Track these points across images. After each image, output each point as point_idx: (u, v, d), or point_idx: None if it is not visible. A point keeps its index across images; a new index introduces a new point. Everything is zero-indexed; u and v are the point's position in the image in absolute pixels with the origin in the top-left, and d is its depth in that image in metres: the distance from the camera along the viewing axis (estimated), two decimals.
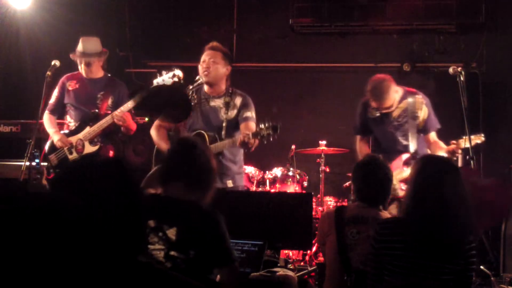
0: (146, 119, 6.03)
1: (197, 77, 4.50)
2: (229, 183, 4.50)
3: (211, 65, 4.47)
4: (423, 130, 4.63)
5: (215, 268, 2.68)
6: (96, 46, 5.05)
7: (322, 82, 6.95)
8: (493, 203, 4.04)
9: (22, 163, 4.63)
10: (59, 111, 5.10)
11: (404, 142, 4.57)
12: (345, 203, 5.59)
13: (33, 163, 4.77)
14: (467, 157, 4.54)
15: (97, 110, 4.99)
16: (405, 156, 4.49)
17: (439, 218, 2.63)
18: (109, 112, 4.93)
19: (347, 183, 5.54)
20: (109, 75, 5.17)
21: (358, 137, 4.83)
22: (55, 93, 5.05)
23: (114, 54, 6.96)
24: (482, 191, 4.04)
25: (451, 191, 2.66)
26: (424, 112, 4.63)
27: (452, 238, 2.65)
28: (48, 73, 4.82)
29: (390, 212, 3.68)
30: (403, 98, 4.63)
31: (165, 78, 4.78)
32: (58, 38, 6.05)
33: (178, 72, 4.82)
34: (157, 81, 4.82)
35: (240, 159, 4.64)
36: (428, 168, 2.75)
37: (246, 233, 3.48)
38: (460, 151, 4.34)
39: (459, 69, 4.41)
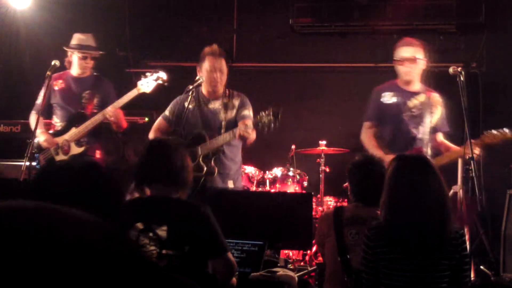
0: (146, 119, 6.04)
1: (197, 77, 4.50)
2: (230, 184, 4.50)
3: (223, 77, 4.52)
4: (433, 129, 4.63)
5: (209, 260, 2.71)
6: (93, 41, 5.06)
7: (322, 82, 6.94)
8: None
9: (22, 163, 4.63)
10: (46, 112, 5.01)
11: (415, 134, 4.56)
12: (345, 203, 5.59)
13: (33, 163, 4.76)
14: (467, 157, 4.53)
15: (83, 110, 4.94)
16: (416, 151, 4.47)
17: (419, 217, 2.65)
18: (96, 111, 4.89)
19: (346, 183, 5.54)
20: (95, 74, 5.12)
21: (366, 125, 4.74)
22: (42, 94, 4.96)
23: (114, 54, 6.96)
24: None
25: (426, 187, 2.68)
26: (439, 111, 4.63)
27: (439, 233, 2.66)
28: (48, 73, 4.80)
29: None
30: (422, 91, 4.65)
31: (149, 80, 4.79)
32: (58, 38, 6.05)
33: (162, 75, 4.83)
34: (141, 83, 4.83)
35: (239, 160, 4.67)
36: (399, 169, 2.77)
37: (246, 233, 3.48)
38: (478, 149, 4.25)
39: (459, 69, 4.40)
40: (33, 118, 4.89)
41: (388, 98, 4.63)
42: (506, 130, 4.38)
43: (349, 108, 6.77)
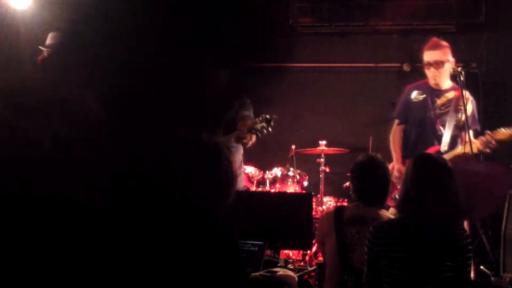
0: None
1: None
2: None
3: None
4: (462, 127, 4.61)
5: (226, 281, 2.58)
6: None
7: (322, 82, 6.94)
8: (491, 190, 4.03)
9: None
10: None
11: (441, 132, 4.56)
12: (345, 203, 5.59)
13: None
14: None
15: None
16: (434, 149, 4.48)
17: (434, 216, 2.65)
18: None
19: (347, 183, 5.54)
20: None
21: (396, 122, 4.79)
22: None
23: None
24: (480, 179, 4.04)
25: (443, 188, 2.67)
26: (468, 108, 4.61)
27: (448, 234, 2.67)
28: None
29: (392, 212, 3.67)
30: (451, 89, 4.65)
31: None
32: None
33: None
34: None
35: (239, 159, 4.64)
36: (417, 168, 2.77)
37: (246, 233, 3.48)
38: (494, 142, 4.29)
39: (459, 69, 4.40)
40: None
41: (416, 96, 4.65)
42: None
43: (349, 108, 6.77)
